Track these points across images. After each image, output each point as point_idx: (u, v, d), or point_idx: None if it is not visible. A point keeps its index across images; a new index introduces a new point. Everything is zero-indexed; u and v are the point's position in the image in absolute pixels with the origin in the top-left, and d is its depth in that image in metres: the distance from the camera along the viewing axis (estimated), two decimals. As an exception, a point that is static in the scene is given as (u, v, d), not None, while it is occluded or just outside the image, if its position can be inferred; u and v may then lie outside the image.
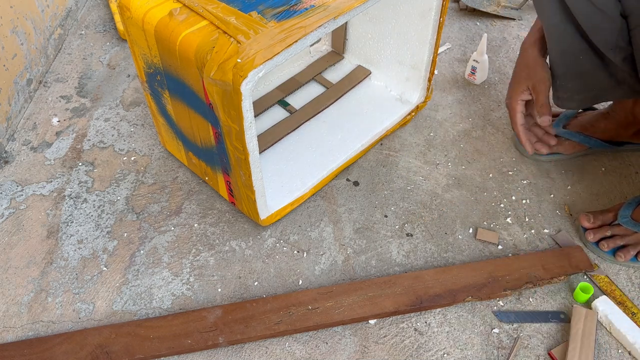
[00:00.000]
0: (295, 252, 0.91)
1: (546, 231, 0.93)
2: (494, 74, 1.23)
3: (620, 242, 0.87)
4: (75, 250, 0.91)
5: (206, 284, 0.87)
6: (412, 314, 0.83)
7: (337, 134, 1.05)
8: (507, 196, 0.99)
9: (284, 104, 1.11)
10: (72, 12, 1.37)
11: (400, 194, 0.99)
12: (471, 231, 0.93)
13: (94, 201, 0.98)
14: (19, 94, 1.13)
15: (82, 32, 1.36)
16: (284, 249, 0.91)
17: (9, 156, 1.06)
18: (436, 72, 1.23)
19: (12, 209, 0.97)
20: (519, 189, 1.00)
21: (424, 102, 1.11)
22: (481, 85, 1.20)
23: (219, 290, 0.86)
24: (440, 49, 1.29)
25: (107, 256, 0.90)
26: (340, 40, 1.19)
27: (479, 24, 1.38)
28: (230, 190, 0.91)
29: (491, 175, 1.02)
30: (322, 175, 0.97)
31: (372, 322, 0.82)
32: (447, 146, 1.07)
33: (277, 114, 1.09)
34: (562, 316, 0.82)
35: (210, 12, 0.74)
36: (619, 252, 0.86)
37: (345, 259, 0.90)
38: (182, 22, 0.74)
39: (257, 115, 1.08)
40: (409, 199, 0.98)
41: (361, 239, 0.93)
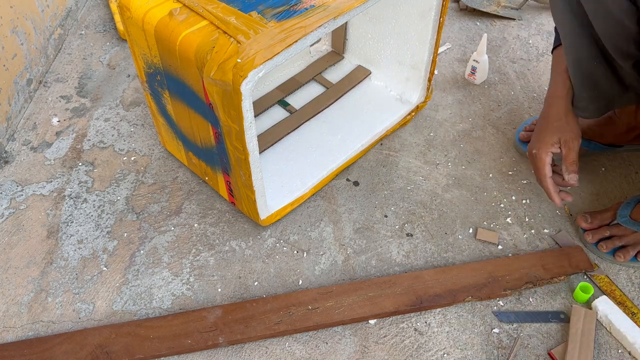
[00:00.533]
0: (295, 252, 0.91)
1: (546, 231, 0.93)
2: (494, 74, 1.23)
3: (619, 242, 0.87)
4: (75, 250, 0.91)
5: (206, 284, 0.87)
6: (412, 314, 0.83)
7: (337, 134, 1.05)
8: (507, 196, 0.99)
9: (284, 104, 1.11)
10: (72, 12, 1.37)
11: (400, 194, 0.99)
12: (471, 231, 0.93)
13: (94, 201, 0.98)
14: (19, 94, 1.13)
15: (82, 32, 1.36)
16: (284, 249, 0.91)
17: (9, 156, 1.06)
18: (436, 72, 1.23)
19: (12, 209, 0.97)
20: (519, 189, 1.00)
21: (424, 102, 1.11)
22: (481, 85, 1.20)
23: (219, 290, 0.86)
24: (440, 49, 1.29)
25: (107, 256, 0.90)
26: (340, 40, 1.19)
27: (479, 24, 1.38)
28: (230, 190, 0.91)
29: (491, 175, 1.02)
30: (322, 175, 0.97)
31: (372, 322, 0.82)
32: (447, 146, 1.07)
33: (277, 114, 1.09)
34: (562, 316, 0.82)
35: (210, 12, 0.74)
36: (619, 253, 0.86)
37: (345, 259, 0.90)
38: (182, 22, 0.74)
39: (257, 115, 1.08)
40: (409, 199, 0.98)
41: (361, 239, 0.93)
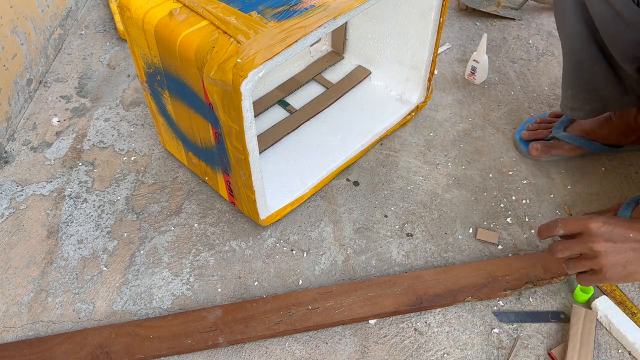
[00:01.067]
0: (295, 252, 0.91)
1: (546, 231, 0.93)
2: (493, 74, 1.23)
3: None
4: (75, 250, 0.91)
5: (206, 284, 0.87)
6: (412, 314, 0.83)
7: (337, 134, 1.05)
8: (507, 196, 0.99)
9: (284, 104, 1.10)
10: (72, 12, 1.37)
11: (400, 194, 0.99)
12: (471, 231, 0.93)
13: (94, 201, 0.98)
14: (19, 94, 1.13)
15: (82, 32, 1.36)
16: (284, 249, 0.91)
17: (9, 156, 1.06)
18: (436, 72, 1.23)
19: (12, 209, 0.97)
20: (519, 189, 1.00)
21: (424, 102, 1.11)
22: (481, 85, 1.20)
23: (219, 290, 0.86)
24: (440, 49, 1.29)
25: (107, 256, 0.90)
26: (340, 40, 1.18)
27: (479, 24, 1.38)
28: (230, 190, 0.91)
29: (491, 175, 1.02)
30: (322, 175, 0.97)
31: (372, 322, 0.82)
32: (447, 146, 1.07)
33: (277, 114, 1.09)
34: (562, 316, 0.81)
35: (210, 12, 0.74)
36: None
37: (345, 259, 0.90)
38: (182, 22, 0.74)
39: (257, 115, 1.08)
40: (409, 199, 0.98)
41: (361, 239, 0.93)
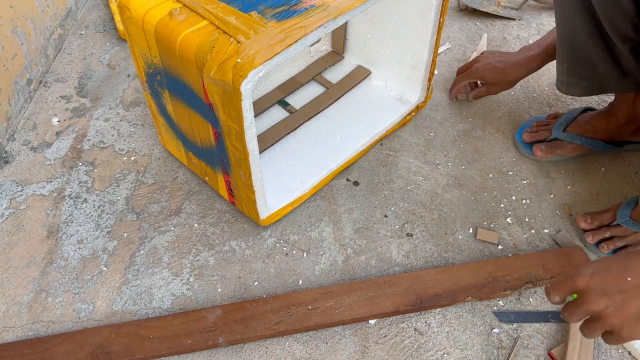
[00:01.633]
0: (295, 252, 0.91)
1: (546, 231, 0.93)
2: (494, 74, 1.23)
3: (619, 243, 0.87)
4: (75, 250, 0.91)
5: (206, 284, 0.87)
6: (412, 314, 0.83)
7: (337, 134, 1.05)
8: (507, 196, 0.99)
9: (284, 104, 1.10)
10: (72, 12, 1.37)
11: (400, 194, 0.99)
12: (471, 231, 0.93)
13: (94, 201, 0.98)
14: (19, 94, 1.13)
15: (82, 32, 1.36)
16: (284, 249, 0.91)
17: (9, 156, 1.06)
18: (436, 72, 1.23)
19: (12, 209, 0.97)
20: (519, 189, 1.00)
21: (424, 102, 1.11)
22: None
23: (219, 290, 0.86)
24: (440, 49, 1.29)
25: (107, 256, 0.90)
26: (340, 40, 1.18)
27: (479, 24, 1.38)
28: (230, 190, 0.91)
29: (491, 175, 1.02)
30: (322, 175, 0.97)
31: (372, 322, 0.82)
32: (447, 146, 1.07)
33: (277, 114, 1.09)
34: (562, 316, 0.81)
35: (210, 12, 0.74)
36: (620, 253, 0.86)
37: (345, 259, 0.90)
38: (182, 22, 0.74)
39: (257, 115, 1.08)
40: (409, 199, 0.98)
41: (361, 239, 0.93)
